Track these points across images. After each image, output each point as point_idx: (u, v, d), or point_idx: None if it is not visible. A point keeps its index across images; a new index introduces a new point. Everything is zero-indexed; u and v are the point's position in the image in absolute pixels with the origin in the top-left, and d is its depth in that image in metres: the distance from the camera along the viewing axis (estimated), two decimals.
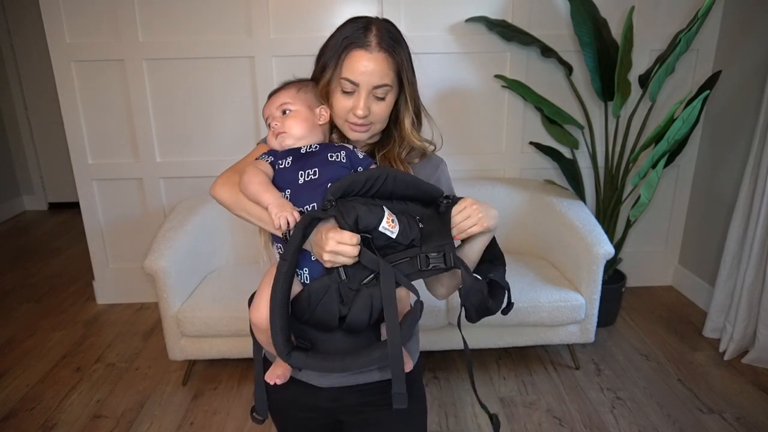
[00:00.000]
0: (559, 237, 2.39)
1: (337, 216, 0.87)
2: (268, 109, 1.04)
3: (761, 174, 2.23)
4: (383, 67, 0.99)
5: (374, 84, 0.99)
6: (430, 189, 0.96)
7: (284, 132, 1.01)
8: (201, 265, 2.40)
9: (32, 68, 4.44)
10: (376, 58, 0.99)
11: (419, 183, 0.95)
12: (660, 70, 2.32)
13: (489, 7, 2.62)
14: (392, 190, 0.92)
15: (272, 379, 1.02)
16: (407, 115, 1.07)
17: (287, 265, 0.88)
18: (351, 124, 1.03)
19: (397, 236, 0.89)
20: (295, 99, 1.03)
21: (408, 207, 0.95)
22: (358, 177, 0.90)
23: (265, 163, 1.01)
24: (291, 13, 2.60)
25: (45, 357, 2.52)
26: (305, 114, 1.02)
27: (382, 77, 0.99)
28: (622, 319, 2.76)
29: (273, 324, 0.88)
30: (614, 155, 2.58)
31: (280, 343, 0.87)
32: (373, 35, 0.99)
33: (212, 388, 2.29)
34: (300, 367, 0.90)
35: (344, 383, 1.08)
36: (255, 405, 1.07)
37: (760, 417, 2.04)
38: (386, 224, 0.88)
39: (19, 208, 4.71)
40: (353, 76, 0.99)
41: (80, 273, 3.40)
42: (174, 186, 2.83)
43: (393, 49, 1.01)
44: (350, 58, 0.99)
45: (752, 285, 2.31)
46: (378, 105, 1.02)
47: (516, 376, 2.32)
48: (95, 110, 2.72)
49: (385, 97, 1.02)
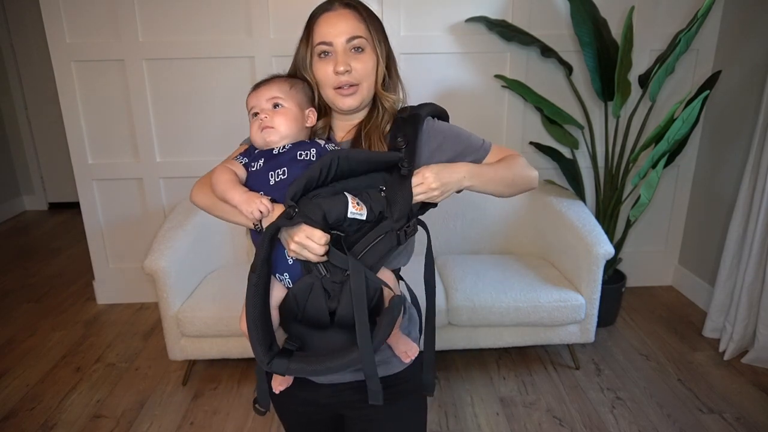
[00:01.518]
0: (559, 237, 2.39)
1: (305, 220, 0.87)
2: (256, 99, 1.01)
3: (761, 174, 2.23)
4: (351, 21, 0.99)
5: (347, 37, 0.99)
6: (386, 157, 0.96)
7: (272, 127, 0.98)
8: (201, 265, 2.40)
9: (32, 68, 4.44)
10: (341, 14, 1.00)
11: (373, 156, 0.96)
12: (660, 70, 2.32)
13: (489, 7, 2.62)
14: (350, 168, 0.92)
15: (276, 388, 1.04)
16: (380, 68, 1.03)
17: (256, 276, 0.89)
18: (338, 90, 1.01)
19: (367, 215, 0.90)
20: (287, 96, 1.01)
21: (371, 178, 0.95)
22: (312, 170, 0.89)
23: (236, 163, 1.00)
24: (291, 13, 2.60)
25: (45, 357, 2.52)
26: (295, 113, 1.00)
27: (352, 29, 0.99)
28: (622, 319, 2.76)
29: (251, 336, 0.89)
30: (614, 155, 2.58)
31: (259, 353, 0.89)
32: (336, 1, 1.02)
33: (212, 388, 2.29)
34: (282, 374, 0.91)
35: (342, 380, 1.08)
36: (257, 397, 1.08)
37: (760, 417, 2.04)
38: (353, 209, 0.89)
39: (19, 208, 4.71)
40: (324, 38, 0.99)
41: (80, 273, 3.40)
42: (174, 186, 2.83)
43: (356, 8, 1.01)
44: (318, 24, 1.01)
45: (752, 285, 2.31)
46: (358, 59, 1.00)
47: (516, 376, 2.32)
48: (95, 110, 2.72)
49: (363, 49, 1.00)
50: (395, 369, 1.09)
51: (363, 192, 0.92)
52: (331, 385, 1.09)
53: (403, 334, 1.08)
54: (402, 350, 1.06)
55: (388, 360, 1.08)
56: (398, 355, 1.06)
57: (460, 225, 2.61)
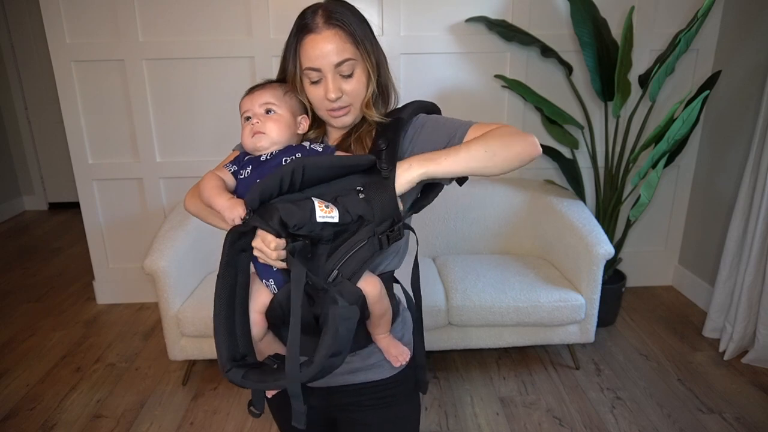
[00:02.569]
0: (559, 237, 2.39)
1: (260, 224, 0.86)
2: (250, 104, 1.01)
3: (761, 174, 2.23)
4: (337, 43, 0.95)
5: (334, 63, 0.95)
6: (356, 161, 0.93)
7: (263, 133, 0.98)
8: (201, 265, 2.41)
9: (32, 68, 4.44)
10: (326, 36, 0.95)
11: (340, 160, 0.93)
12: (660, 70, 2.32)
13: (489, 7, 2.62)
14: (319, 175, 0.90)
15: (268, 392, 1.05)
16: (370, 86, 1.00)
17: (221, 281, 0.89)
18: (330, 112, 1.00)
19: (340, 219, 0.87)
20: (281, 102, 1.00)
21: (348, 181, 0.92)
22: (271, 179, 0.87)
23: (225, 171, 1.00)
24: (291, 13, 2.58)
25: (45, 357, 2.52)
26: (288, 120, 1.00)
27: (339, 53, 0.95)
28: (622, 319, 2.76)
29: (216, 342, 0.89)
30: (614, 155, 2.58)
31: (223, 359, 0.89)
32: (319, 16, 0.96)
33: (212, 388, 2.29)
34: (237, 384, 0.90)
35: (333, 383, 1.08)
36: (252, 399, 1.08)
37: (760, 417, 2.04)
38: (321, 212, 0.86)
39: (19, 208, 4.71)
40: (311, 63, 0.96)
41: (80, 273, 3.40)
42: (174, 186, 2.83)
43: (342, 22, 0.96)
44: (304, 47, 0.97)
45: (752, 285, 2.31)
46: (348, 83, 0.98)
47: (516, 376, 2.32)
48: (95, 110, 2.72)
49: (352, 72, 0.98)
50: (387, 373, 1.09)
51: (337, 196, 0.89)
52: (325, 389, 1.09)
53: (395, 338, 1.07)
54: (393, 354, 1.05)
55: (379, 364, 1.08)
56: (389, 359, 1.06)
57: (460, 225, 2.61)
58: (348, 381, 1.07)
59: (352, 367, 1.06)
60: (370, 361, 1.07)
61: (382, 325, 1.03)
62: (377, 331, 1.04)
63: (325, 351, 0.85)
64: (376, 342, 1.06)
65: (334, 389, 1.09)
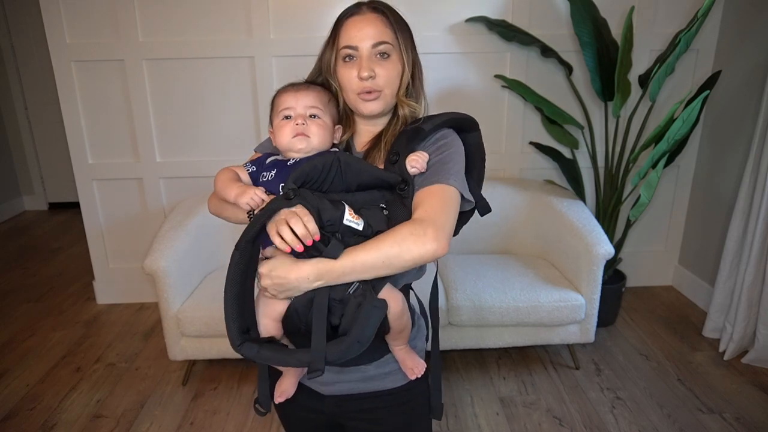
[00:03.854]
0: (559, 237, 2.39)
1: (302, 203, 0.85)
2: (294, 101, 0.98)
3: (761, 174, 2.23)
4: (378, 26, 0.97)
5: (373, 42, 0.96)
6: (384, 175, 0.93)
7: (307, 136, 0.95)
8: (201, 265, 2.40)
9: (32, 68, 4.44)
10: (368, 18, 0.97)
11: (372, 168, 0.93)
12: (660, 70, 2.32)
13: (489, 7, 2.62)
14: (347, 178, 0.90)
15: (277, 399, 1.03)
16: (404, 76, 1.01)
17: (239, 254, 0.88)
18: (361, 96, 0.98)
19: (363, 228, 0.88)
20: (326, 108, 0.98)
21: (371, 195, 0.93)
22: (315, 162, 0.87)
23: (241, 167, 1.00)
24: (291, 13, 2.60)
25: (45, 357, 2.52)
26: (330, 128, 0.99)
27: (379, 34, 0.96)
28: (622, 319, 2.76)
29: (226, 315, 0.87)
30: (614, 155, 2.58)
31: (233, 333, 0.87)
32: (364, 5, 1.00)
33: (212, 388, 2.29)
34: (251, 359, 0.88)
35: (347, 391, 1.07)
36: (258, 397, 1.07)
37: (760, 417, 2.04)
38: (349, 216, 0.87)
39: (19, 208, 4.71)
40: (350, 41, 0.97)
41: (80, 273, 3.40)
42: (174, 186, 2.83)
43: (384, 13, 0.99)
44: (344, 27, 0.99)
45: (752, 285, 2.31)
46: (383, 66, 0.97)
47: (516, 376, 2.32)
48: (95, 110, 2.72)
49: (389, 55, 0.98)
50: (401, 382, 1.08)
51: (360, 208, 0.90)
52: (336, 396, 1.08)
53: (410, 348, 1.06)
54: (409, 366, 1.04)
55: (394, 373, 1.07)
56: (405, 371, 1.05)
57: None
58: (362, 389, 1.06)
59: (367, 375, 1.05)
60: (386, 369, 1.06)
61: (400, 338, 1.02)
62: (395, 343, 1.03)
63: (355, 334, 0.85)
64: (393, 353, 1.05)
65: (348, 397, 1.08)
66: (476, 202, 0.99)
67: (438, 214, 0.89)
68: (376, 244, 0.86)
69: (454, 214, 0.92)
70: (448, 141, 0.99)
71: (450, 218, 0.91)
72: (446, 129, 1.01)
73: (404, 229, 0.86)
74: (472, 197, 0.97)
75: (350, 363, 1.02)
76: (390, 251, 0.85)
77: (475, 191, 0.99)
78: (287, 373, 1.04)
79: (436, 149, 0.98)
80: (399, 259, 0.85)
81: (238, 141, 2.77)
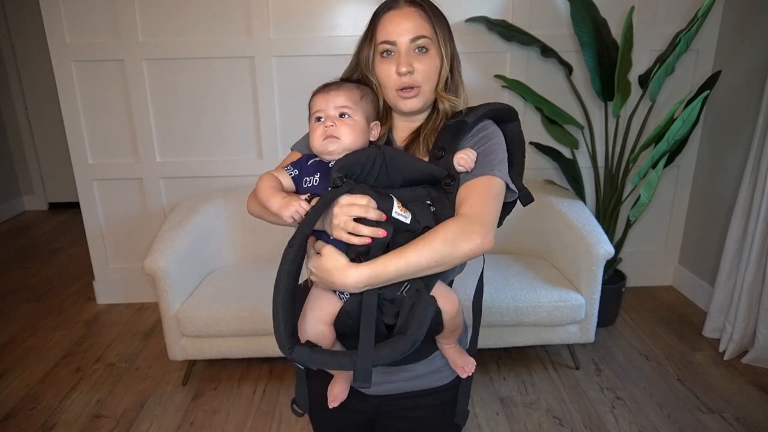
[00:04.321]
0: (559, 237, 2.39)
1: (354, 188, 0.84)
2: (324, 103, 0.96)
3: (761, 174, 2.23)
4: (416, 20, 0.96)
5: (411, 36, 0.95)
6: (431, 169, 0.92)
7: (336, 137, 0.93)
8: (201, 265, 2.41)
9: (32, 68, 4.44)
10: (406, 13, 0.96)
11: (419, 161, 0.92)
12: (660, 70, 2.32)
13: (489, 7, 2.62)
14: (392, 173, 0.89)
15: (331, 403, 1.00)
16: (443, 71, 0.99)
17: (294, 251, 0.84)
18: (399, 92, 0.97)
19: (411, 222, 0.87)
20: (356, 106, 0.96)
21: (416, 192, 0.92)
22: (362, 152, 0.86)
23: (283, 172, 0.97)
24: (291, 13, 2.60)
25: (45, 357, 2.52)
26: (362, 126, 0.96)
27: (417, 29, 0.95)
28: (622, 319, 2.76)
29: (275, 317, 0.84)
30: (614, 155, 2.58)
31: (282, 337, 0.84)
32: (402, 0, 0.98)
33: (212, 388, 2.29)
34: (303, 363, 0.85)
35: (393, 390, 1.06)
36: (296, 399, 1.06)
37: (760, 417, 2.04)
38: (398, 209, 0.85)
39: (19, 208, 4.71)
40: (388, 36, 0.96)
41: (80, 273, 3.40)
42: (174, 186, 2.83)
43: (422, 6, 0.97)
44: (382, 22, 0.98)
45: (752, 285, 2.31)
46: (421, 61, 0.96)
47: (516, 376, 2.32)
48: (95, 110, 2.72)
49: (428, 49, 0.96)
50: (445, 380, 1.07)
51: (408, 203, 0.89)
52: (381, 396, 1.07)
53: (459, 346, 1.05)
54: (459, 365, 1.04)
55: (440, 370, 1.06)
56: (455, 369, 1.04)
57: None
58: (408, 388, 1.06)
59: (415, 373, 1.05)
60: (432, 368, 1.06)
61: (452, 336, 1.01)
62: (445, 341, 1.02)
63: (412, 334, 0.84)
64: (443, 351, 1.04)
65: (393, 397, 1.07)
66: (518, 191, 0.99)
67: (484, 209, 0.89)
68: (427, 244, 0.84)
69: (498, 206, 0.93)
70: (489, 132, 0.99)
71: (495, 211, 0.92)
72: (487, 120, 1.01)
73: (453, 227, 0.86)
74: (513, 186, 0.97)
75: (400, 362, 1.01)
76: (443, 250, 0.84)
77: (516, 181, 0.99)
78: (339, 377, 1.01)
79: (478, 141, 0.98)
80: (451, 257, 0.85)
81: (239, 141, 2.77)
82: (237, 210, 2.55)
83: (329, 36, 2.59)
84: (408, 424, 1.09)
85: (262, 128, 2.73)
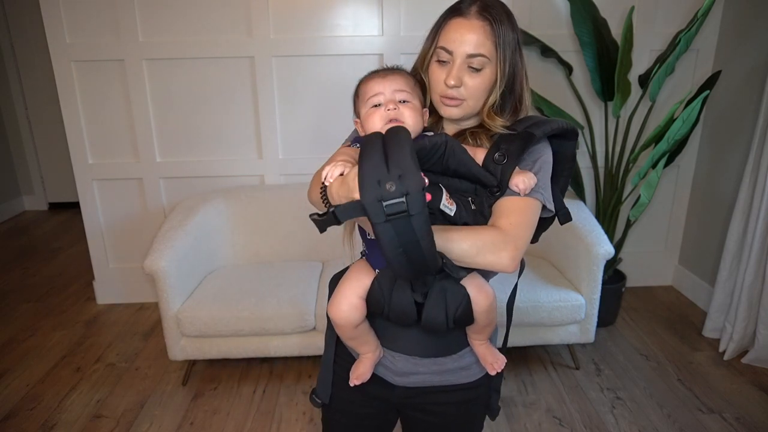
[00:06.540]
0: (559, 237, 2.39)
1: None
2: (382, 87, 0.94)
3: (761, 174, 2.23)
4: (479, 36, 0.92)
5: (468, 52, 0.93)
6: (483, 175, 0.92)
7: (401, 121, 0.92)
8: (201, 265, 2.40)
9: (32, 68, 4.44)
10: (472, 25, 0.93)
11: (474, 164, 0.92)
12: (660, 70, 2.32)
13: None
14: (447, 163, 0.89)
15: (353, 381, 1.01)
16: (493, 93, 0.97)
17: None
18: (443, 98, 0.97)
19: (454, 214, 0.87)
20: (413, 91, 0.96)
21: (462, 185, 0.92)
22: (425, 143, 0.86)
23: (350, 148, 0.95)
24: (291, 13, 2.60)
25: (45, 357, 2.52)
26: (420, 111, 0.96)
27: (477, 46, 0.92)
28: (622, 319, 2.76)
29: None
30: (614, 155, 2.58)
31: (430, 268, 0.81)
32: (475, 5, 0.94)
33: (212, 388, 2.29)
34: (347, 214, 0.77)
35: (420, 383, 1.06)
36: (317, 387, 1.05)
37: (760, 417, 2.04)
38: (446, 201, 0.86)
39: (19, 208, 4.71)
40: (447, 44, 0.94)
41: (80, 273, 3.40)
42: (174, 186, 2.83)
43: (494, 19, 0.93)
44: (447, 26, 0.96)
45: (752, 285, 2.31)
46: (472, 78, 0.94)
47: (516, 376, 2.32)
48: (95, 110, 2.72)
49: (482, 69, 0.94)
50: (473, 377, 1.08)
51: (454, 194, 0.89)
52: (407, 388, 1.07)
53: (490, 343, 1.05)
54: (489, 362, 1.04)
55: (468, 367, 1.07)
56: (484, 365, 1.05)
57: None
58: (436, 382, 1.06)
59: (443, 368, 1.05)
60: (461, 364, 1.06)
61: (484, 333, 1.01)
62: (477, 337, 1.02)
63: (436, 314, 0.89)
64: (473, 347, 1.04)
65: (419, 390, 1.07)
66: (557, 210, 1.00)
67: (521, 232, 0.91)
68: (458, 236, 0.86)
69: (532, 230, 0.95)
70: (539, 147, 0.99)
71: (529, 236, 0.93)
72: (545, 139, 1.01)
73: (488, 236, 0.88)
74: (553, 208, 0.98)
75: (429, 354, 1.02)
76: (469, 251, 0.86)
77: (557, 198, 1.01)
78: (364, 356, 1.02)
79: (531, 159, 0.98)
80: (470, 259, 0.87)
81: (239, 141, 2.76)
82: (237, 210, 2.55)
83: (329, 36, 2.59)
84: (434, 418, 1.10)
85: (262, 128, 2.73)
